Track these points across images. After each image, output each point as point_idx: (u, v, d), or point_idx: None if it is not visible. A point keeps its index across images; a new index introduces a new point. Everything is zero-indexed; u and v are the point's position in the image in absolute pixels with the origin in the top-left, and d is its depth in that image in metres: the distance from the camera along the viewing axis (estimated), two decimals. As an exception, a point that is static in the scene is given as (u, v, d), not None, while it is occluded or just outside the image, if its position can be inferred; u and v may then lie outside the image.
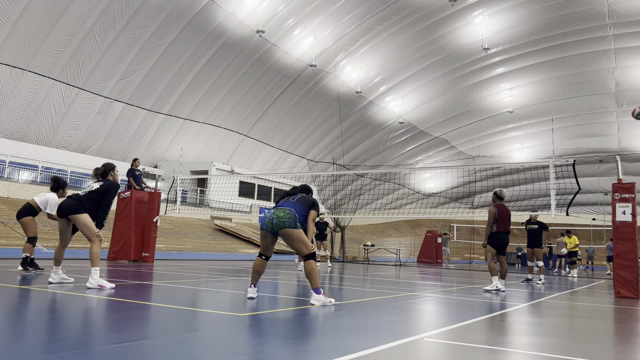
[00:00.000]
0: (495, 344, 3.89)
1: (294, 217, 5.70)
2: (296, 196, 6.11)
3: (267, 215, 5.79)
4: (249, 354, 3.08)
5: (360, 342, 3.66)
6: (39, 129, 26.70)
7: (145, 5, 25.47)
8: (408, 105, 41.91)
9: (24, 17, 22.82)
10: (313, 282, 5.67)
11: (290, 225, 5.66)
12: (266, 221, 5.76)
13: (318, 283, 5.71)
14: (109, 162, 7.26)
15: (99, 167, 7.20)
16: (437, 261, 27.58)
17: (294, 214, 5.73)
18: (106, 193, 6.85)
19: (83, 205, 6.72)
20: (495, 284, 8.80)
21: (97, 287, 6.47)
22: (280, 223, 5.65)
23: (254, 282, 6.02)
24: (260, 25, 28.50)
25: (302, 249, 5.75)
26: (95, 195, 6.82)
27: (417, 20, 33.51)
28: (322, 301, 5.63)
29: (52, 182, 8.72)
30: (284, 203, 5.95)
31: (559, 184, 11.09)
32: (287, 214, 5.70)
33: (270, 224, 5.71)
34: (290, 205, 5.87)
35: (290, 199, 6.04)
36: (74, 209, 6.70)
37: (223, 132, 35.31)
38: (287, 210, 5.75)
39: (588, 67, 38.53)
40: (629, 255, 9.11)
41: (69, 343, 3.20)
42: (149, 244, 14.44)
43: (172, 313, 4.72)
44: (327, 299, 5.71)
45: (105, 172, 7.08)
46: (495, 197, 9.15)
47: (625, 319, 6.00)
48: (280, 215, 5.68)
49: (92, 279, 6.50)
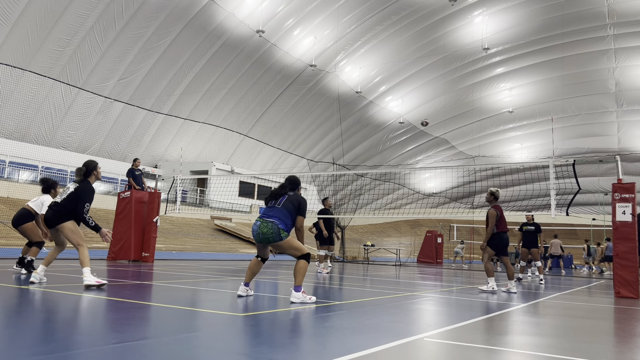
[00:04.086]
0: (495, 344, 3.89)
1: (277, 231, 5.72)
2: (282, 199, 6.00)
3: (254, 228, 5.86)
4: (248, 354, 3.08)
5: (360, 342, 3.66)
6: (39, 129, 26.69)
7: (145, 5, 25.47)
8: (408, 105, 41.91)
9: (24, 17, 22.81)
10: (297, 279, 5.74)
11: (274, 239, 5.74)
12: (254, 234, 5.86)
13: (302, 282, 5.76)
14: (91, 160, 7.05)
15: (81, 167, 6.95)
16: (437, 261, 27.56)
17: (277, 227, 5.72)
18: (81, 198, 6.65)
19: (64, 212, 6.61)
20: (491, 284, 8.78)
21: (95, 283, 6.46)
22: (266, 238, 5.77)
23: (247, 280, 6.09)
24: (260, 25, 28.50)
25: (294, 254, 5.85)
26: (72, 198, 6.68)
27: (417, 20, 33.51)
28: (300, 299, 5.69)
29: (42, 183, 8.52)
30: (269, 211, 5.89)
31: (559, 184, 11.08)
32: (270, 229, 5.72)
33: (258, 237, 5.82)
34: (275, 215, 5.81)
35: (277, 204, 5.96)
36: (56, 220, 6.63)
37: (223, 132, 35.31)
38: (269, 224, 5.74)
39: (588, 67, 38.53)
40: (629, 255, 9.11)
41: (69, 343, 3.20)
42: (149, 244, 14.43)
43: (172, 313, 4.72)
44: (307, 297, 5.77)
45: (88, 172, 6.87)
46: (493, 197, 9.03)
47: (625, 319, 6.00)
48: (264, 231, 5.74)
49: (85, 277, 6.52)
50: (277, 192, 6.09)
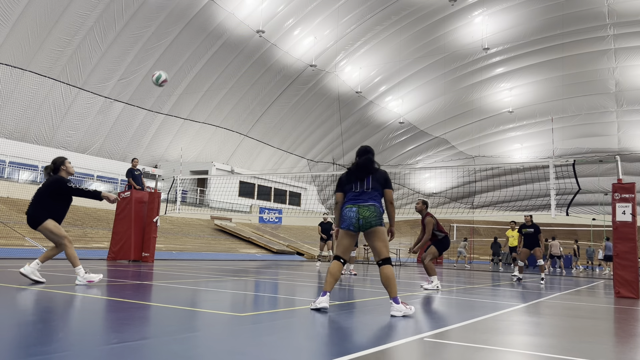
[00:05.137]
0: (495, 344, 3.89)
1: (379, 214, 5.27)
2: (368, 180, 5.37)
3: (350, 215, 5.27)
4: (248, 354, 3.08)
5: (360, 342, 3.66)
6: (39, 129, 26.70)
7: (145, 6, 25.47)
8: (408, 105, 41.92)
9: (24, 17, 22.82)
10: (392, 290, 5.14)
11: (376, 223, 5.24)
12: (353, 222, 5.27)
13: (396, 291, 5.17)
14: (59, 157, 6.87)
15: (49, 164, 6.76)
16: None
17: (379, 210, 5.28)
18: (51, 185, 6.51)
19: (40, 213, 6.53)
20: (435, 283, 8.76)
21: (86, 283, 6.46)
22: (368, 223, 5.24)
23: (329, 289, 5.26)
24: (260, 25, 28.50)
25: (382, 250, 5.30)
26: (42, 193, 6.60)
27: (417, 20, 33.52)
28: (403, 311, 5.06)
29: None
30: (361, 196, 5.34)
31: (559, 184, 11.09)
32: (373, 212, 5.24)
33: (357, 224, 5.27)
34: (370, 198, 5.31)
35: (365, 188, 5.36)
36: (34, 223, 6.56)
37: (223, 132, 35.32)
38: (370, 207, 5.25)
39: (588, 67, 38.55)
40: (629, 255, 9.11)
41: (69, 343, 3.20)
42: (149, 244, 14.44)
43: (172, 313, 4.72)
44: (408, 307, 5.16)
45: (56, 169, 6.71)
46: (425, 207, 9.42)
47: (625, 319, 6.00)
48: (367, 214, 5.23)
49: (79, 277, 6.50)
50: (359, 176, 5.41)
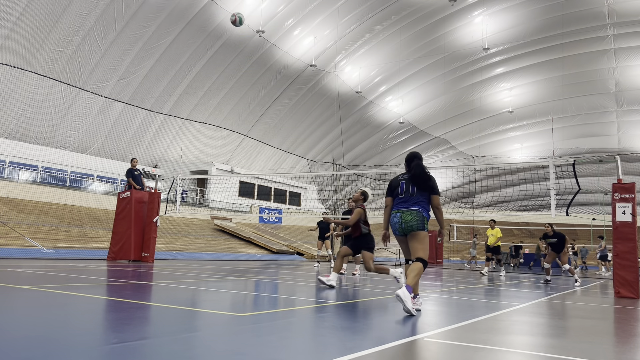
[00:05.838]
0: (495, 344, 3.89)
1: (421, 219, 5.50)
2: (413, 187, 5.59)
3: (395, 221, 5.58)
4: (248, 354, 3.08)
5: (360, 342, 3.66)
6: (39, 129, 26.68)
7: (145, 6, 25.47)
8: (408, 105, 41.91)
9: (24, 17, 22.81)
10: (411, 278, 5.32)
11: (418, 227, 5.48)
12: (397, 227, 5.58)
13: (414, 283, 5.30)
14: None
15: None
16: (437, 261, 27.57)
17: (421, 215, 5.50)
18: None
19: None
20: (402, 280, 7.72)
21: None
22: (409, 227, 5.48)
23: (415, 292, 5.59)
24: (260, 25, 28.48)
25: (418, 250, 5.51)
26: None
27: (417, 20, 33.51)
28: (407, 302, 4.99)
29: None
30: (406, 201, 5.57)
31: (559, 184, 11.09)
32: (415, 216, 5.48)
33: (401, 229, 5.54)
34: (415, 203, 5.54)
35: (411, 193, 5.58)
36: None
37: (223, 132, 35.32)
38: (413, 212, 5.50)
39: (588, 67, 38.53)
40: (629, 255, 9.11)
41: (69, 343, 3.20)
42: (149, 244, 14.44)
43: (172, 313, 4.72)
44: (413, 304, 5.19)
45: None
46: (363, 198, 8.51)
47: (625, 319, 6.00)
48: (408, 218, 5.48)
49: None
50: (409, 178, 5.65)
